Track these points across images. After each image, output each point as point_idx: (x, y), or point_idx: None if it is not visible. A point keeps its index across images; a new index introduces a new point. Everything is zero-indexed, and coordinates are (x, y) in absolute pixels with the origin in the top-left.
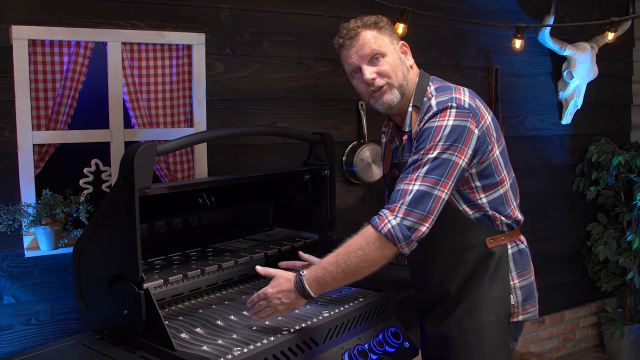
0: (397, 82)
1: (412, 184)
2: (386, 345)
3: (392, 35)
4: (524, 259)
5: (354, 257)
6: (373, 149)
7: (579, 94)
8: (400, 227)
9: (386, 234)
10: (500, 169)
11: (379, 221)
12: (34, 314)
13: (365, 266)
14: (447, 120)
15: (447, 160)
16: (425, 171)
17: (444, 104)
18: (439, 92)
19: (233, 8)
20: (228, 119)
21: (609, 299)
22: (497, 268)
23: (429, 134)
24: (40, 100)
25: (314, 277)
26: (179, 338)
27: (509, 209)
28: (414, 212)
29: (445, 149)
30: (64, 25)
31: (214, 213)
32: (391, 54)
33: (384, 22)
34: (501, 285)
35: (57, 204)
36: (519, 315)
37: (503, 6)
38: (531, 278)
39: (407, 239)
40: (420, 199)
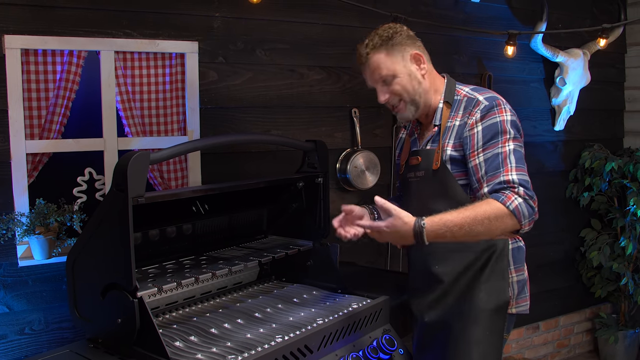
0: (409, 97)
1: (510, 173)
2: (380, 352)
3: (404, 50)
4: (520, 255)
5: (479, 225)
6: (367, 156)
7: (571, 100)
8: (526, 206)
9: (514, 210)
10: None
11: (506, 198)
12: (28, 324)
13: (486, 235)
14: (506, 115)
15: (520, 151)
16: (515, 161)
17: (494, 100)
18: (477, 91)
19: (226, 16)
20: (221, 127)
21: (603, 304)
22: (498, 260)
23: (497, 129)
24: (34, 110)
25: (435, 231)
26: (173, 346)
27: None
28: (528, 195)
29: (516, 141)
30: (56, 35)
31: (207, 221)
32: (401, 72)
33: (396, 37)
34: (501, 277)
35: (51, 213)
36: (513, 308)
37: (496, 13)
38: (524, 275)
39: (530, 217)
40: (526, 186)
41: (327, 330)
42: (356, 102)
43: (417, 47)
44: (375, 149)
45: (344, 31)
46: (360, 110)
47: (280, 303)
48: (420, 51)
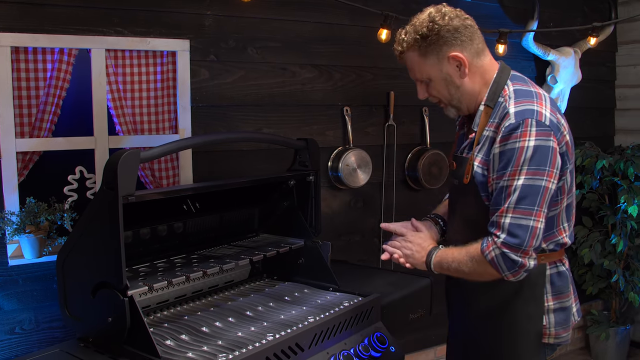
0: (448, 101)
1: (504, 216)
2: (372, 349)
3: (439, 51)
4: (563, 281)
5: (465, 266)
6: (358, 155)
7: (563, 99)
8: (504, 259)
9: (490, 261)
10: (565, 188)
11: (486, 247)
12: (18, 323)
13: (475, 276)
14: (529, 140)
15: (536, 187)
16: (515, 201)
17: (523, 117)
18: (518, 97)
19: (217, 14)
20: (213, 125)
21: (594, 301)
22: (532, 287)
23: (512, 156)
24: (24, 108)
25: (439, 260)
26: (164, 345)
27: (556, 230)
28: (512, 246)
29: (532, 174)
30: (47, 32)
31: (199, 219)
32: (436, 78)
33: (432, 36)
34: (534, 305)
35: (41, 211)
36: (550, 338)
37: (487, 12)
38: (569, 302)
39: (511, 269)
40: (516, 233)
41: (319, 328)
42: (348, 100)
43: (457, 45)
44: (367, 147)
45: (335, 29)
46: (352, 108)
47: (272, 301)
48: (461, 49)
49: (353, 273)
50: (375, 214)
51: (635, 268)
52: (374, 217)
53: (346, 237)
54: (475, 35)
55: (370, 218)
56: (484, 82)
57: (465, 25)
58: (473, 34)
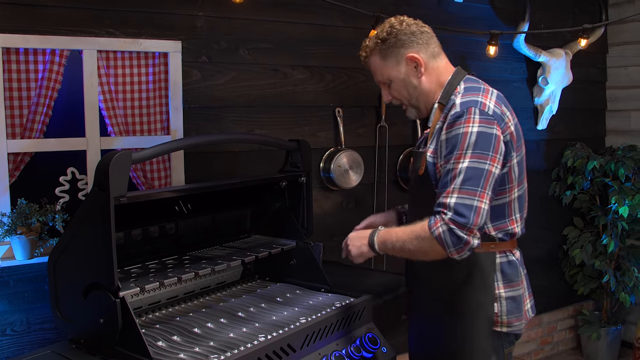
0: (408, 101)
1: (450, 196)
2: (363, 350)
3: (398, 53)
4: (513, 270)
5: (410, 244)
6: (350, 156)
7: (554, 100)
8: (450, 235)
9: (437, 237)
10: (512, 177)
11: (433, 223)
12: (10, 325)
13: (420, 255)
14: (472, 126)
15: (479, 169)
16: (460, 182)
17: (467, 106)
18: (466, 92)
19: (209, 16)
20: (205, 126)
21: (585, 301)
22: (482, 274)
23: (456, 142)
24: (15, 109)
25: (382, 238)
26: (156, 346)
27: (508, 219)
28: (458, 223)
29: (475, 157)
30: (38, 33)
31: (190, 221)
32: (396, 79)
33: (390, 39)
34: (484, 292)
35: (33, 213)
36: (503, 327)
37: (478, 13)
38: (519, 291)
39: (456, 246)
40: (462, 212)
41: (310, 329)
42: (340, 101)
43: (414, 47)
44: (359, 148)
45: (327, 30)
46: (343, 109)
47: (264, 302)
48: (417, 51)
49: (345, 274)
50: (367, 214)
51: (626, 268)
52: (365, 218)
53: (338, 238)
54: (431, 40)
55: (362, 219)
56: (439, 83)
57: (422, 31)
58: (429, 39)
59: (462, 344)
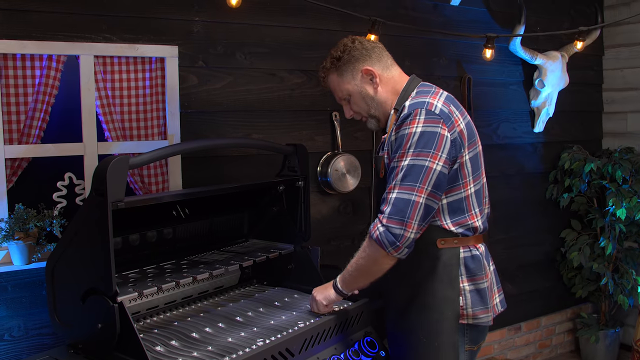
0: (367, 113)
1: (391, 192)
2: (362, 354)
3: (354, 68)
4: (476, 264)
5: (361, 259)
6: (347, 160)
7: (550, 102)
8: (386, 234)
9: (375, 239)
10: (465, 173)
11: (372, 228)
12: (7, 330)
13: (372, 265)
14: (416, 126)
15: (418, 166)
16: (400, 179)
17: (414, 108)
18: (417, 95)
19: (205, 20)
20: (202, 131)
21: (584, 304)
22: (447, 269)
23: (401, 142)
24: (12, 114)
25: (341, 277)
26: (154, 351)
27: (467, 214)
28: (394, 219)
29: (416, 155)
30: (35, 39)
31: (188, 225)
32: (354, 92)
33: (345, 56)
34: (450, 286)
35: (30, 218)
36: (469, 319)
37: (475, 16)
38: (484, 284)
39: (393, 244)
40: (398, 206)
41: (309, 333)
42: (336, 105)
43: (368, 59)
44: (356, 152)
45: (324, 35)
46: (340, 113)
47: (262, 307)
48: (371, 64)
49: None
50: (364, 218)
51: (624, 271)
52: (363, 222)
53: (336, 242)
54: (383, 54)
55: (360, 223)
56: (395, 92)
57: (374, 46)
58: (381, 52)
59: (430, 338)
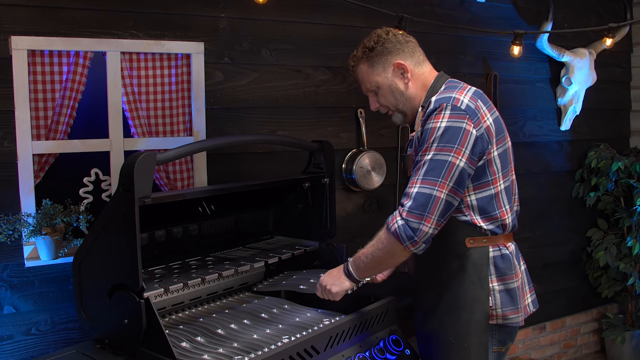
0: (395, 107)
1: (413, 186)
2: (387, 352)
3: (385, 61)
4: (506, 264)
5: (377, 250)
6: (372, 157)
7: (577, 100)
8: (405, 228)
9: (393, 232)
10: (494, 169)
11: (390, 220)
12: (35, 324)
13: (388, 257)
14: (441, 121)
15: (442, 161)
16: (423, 173)
17: (440, 102)
18: (447, 90)
19: (232, 17)
20: (227, 127)
21: (609, 304)
22: (477, 269)
23: (425, 136)
24: (40, 110)
25: (354, 263)
26: (180, 347)
27: (499, 211)
28: (414, 213)
29: (439, 150)
30: (63, 36)
31: (213, 222)
32: (383, 84)
33: (378, 47)
34: (479, 286)
35: (57, 213)
36: (499, 319)
37: (501, 13)
38: (514, 284)
39: (410, 239)
40: (419, 201)
41: (334, 330)
42: (362, 102)
43: (401, 53)
44: (381, 149)
45: (349, 31)
46: (366, 110)
47: (287, 304)
48: (404, 58)
49: None
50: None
51: None
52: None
53: (360, 240)
54: (416, 49)
55: (385, 220)
56: (425, 88)
57: (407, 40)
58: (414, 48)
59: (459, 338)
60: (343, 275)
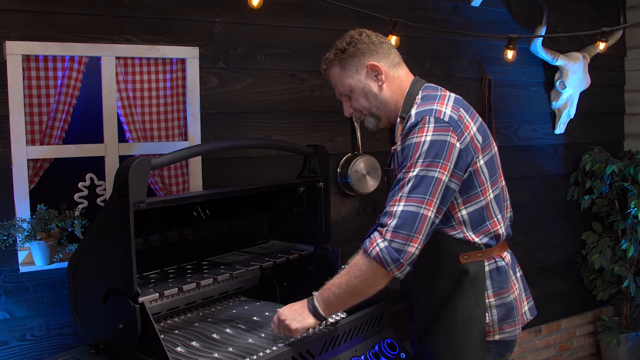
0: (368, 111)
1: (397, 204)
2: (382, 356)
3: (358, 63)
4: (502, 277)
5: (353, 279)
6: (367, 161)
7: (571, 104)
8: (388, 251)
9: (375, 257)
10: (482, 179)
11: (369, 244)
12: (29, 330)
13: (366, 287)
14: (425, 135)
15: (429, 177)
16: (408, 190)
17: (422, 115)
18: (423, 101)
19: (226, 22)
20: (222, 132)
21: (605, 307)
22: (472, 285)
23: (409, 152)
24: (35, 115)
25: (322, 297)
26: (175, 352)
27: (490, 222)
28: (400, 234)
29: (425, 166)
30: (57, 40)
31: (208, 226)
32: (356, 87)
33: (350, 49)
34: (475, 303)
35: (52, 218)
36: (495, 335)
37: (495, 17)
38: (510, 297)
39: (396, 262)
40: (406, 220)
41: (329, 335)
42: None
43: (375, 54)
44: (376, 153)
45: None
46: None
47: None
48: (377, 59)
49: None
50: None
51: None
52: None
53: (355, 244)
54: (391, 51)
55: None
56: (401, 92)
57: (382, 41)
58: (389, 49)
59: (455, 356)
60: (307, 310)
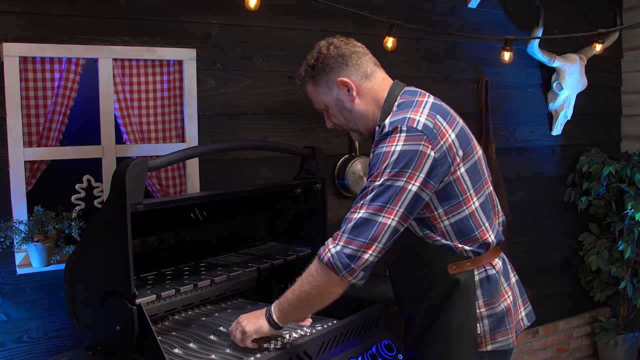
0: (345, 126)
1: (357, 212)
2: (379, 357)
3: (328, 78)
4: (492, 286)
5: (306, 285)
6: (364, 162)
7: (568, 105)
8: (339, 256)
9: (327, 262)
10: (464, 188)
11: (322, 250)
12: (26, 332)
13: (318, 294)
14: (395, 145)
15: (393, 187)
16: (370, 199)
17: (394, 124)
18: (398, 109)
19: (223, 23)
20: (219, 133)
21: (602, 308)
22: (462, 295)
23: (377, 161)
24: (32, 117)
25: (277, 304)
26: (172, 353)
27: (478, 231)
28: (355, 240)
29: (392, 176)
30: (55, 42)
31: (206, 228)
32: (330, 103)
33: (318, 65)
34: (466, 313)
35: (49, 220)
36: (488, 345)
37: (492, 19)
38: (500, 306)
39: (347, 268)
40: (362, 226)
41: (326, 336)
42: None
43: (344, 68)
44: None
45: None
46: None
47: None
48: (347, 74)
49: None
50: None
51: None
52: None
53: None
54: (362, 60)
55: None
56: (377, 103)
57: (352, 51)
58: (359, 59)
59: None
60: (263, 316)
